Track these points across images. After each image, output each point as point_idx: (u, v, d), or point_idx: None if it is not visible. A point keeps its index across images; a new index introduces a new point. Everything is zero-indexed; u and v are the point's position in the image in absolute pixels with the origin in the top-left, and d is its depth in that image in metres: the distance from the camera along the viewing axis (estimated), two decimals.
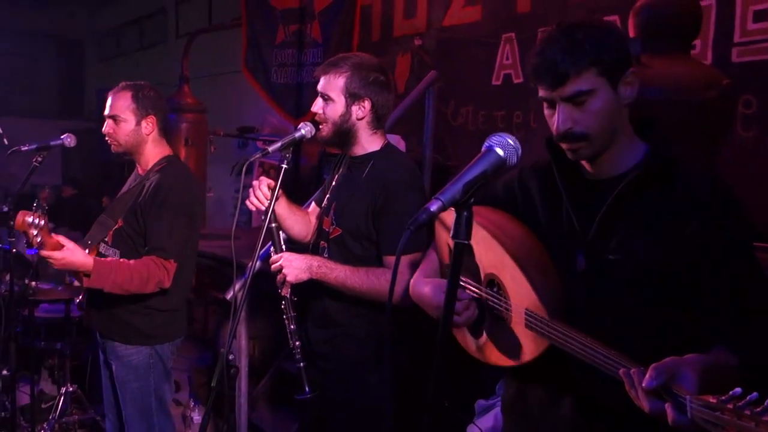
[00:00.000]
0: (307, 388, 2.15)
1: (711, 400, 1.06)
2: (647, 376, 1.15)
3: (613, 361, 1.22)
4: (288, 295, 2.18)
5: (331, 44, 4.80)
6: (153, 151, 2.73)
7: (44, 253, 2.39)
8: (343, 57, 2.21)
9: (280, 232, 2.23)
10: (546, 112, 1.44)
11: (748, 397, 1.02)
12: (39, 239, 2.33)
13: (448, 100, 4.15)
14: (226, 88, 7.31)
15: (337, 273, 2.11)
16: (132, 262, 2.53)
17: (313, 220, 2.41)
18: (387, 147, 2.24)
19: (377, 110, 2.18)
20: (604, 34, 1.40)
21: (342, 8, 4.72)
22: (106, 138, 2.72)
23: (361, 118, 2.17)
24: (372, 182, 2.15)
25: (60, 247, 2.40)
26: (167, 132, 2.81)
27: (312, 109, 2.21)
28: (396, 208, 2.08)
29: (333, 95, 2.16)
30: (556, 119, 1.39)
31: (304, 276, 2.11)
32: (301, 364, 2.16)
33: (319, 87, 2.19)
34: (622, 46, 1.42)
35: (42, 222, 2.33)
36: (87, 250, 2.57)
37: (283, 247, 2.19)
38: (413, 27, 4.46)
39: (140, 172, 2.77)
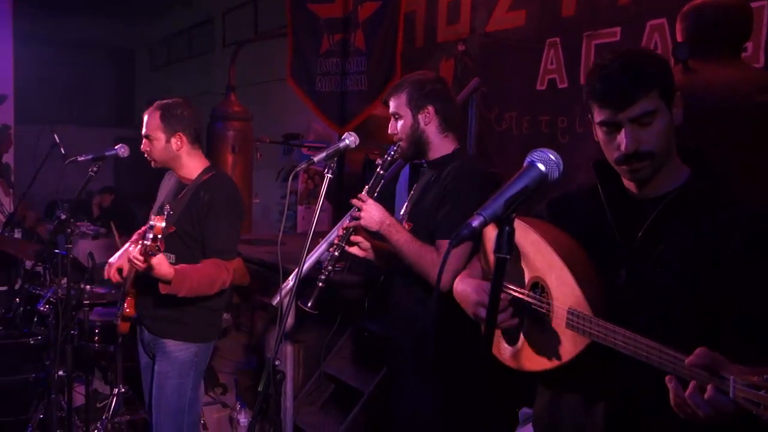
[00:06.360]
0: (310, 302, 2.31)
1: (754, 379, 1.07)
2: (693, 354, 1.17)
3: (656, 351, 1.24)
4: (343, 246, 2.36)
5: (375, 52, 4.83)
6: (192, 163, 2.86)
7: (133, 256, 2.45)
8: (403, 78, 2.51)
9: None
10: (603, 137, 1.48)
11: None
12: (157, 245, 2.40)
13: (492, 106, 4.14)
14: (272, 96, 7.43)
15: (398, 237, 2.29)
16: (200, 266, 2.68)
17: None
18: (459, 151, 2.47)
19: (442, 114, 2.42)
20: (658, 59, 1.50)
21: (385, 16, 4.75)
22: (145, 155, 2.87)
23: (429, 123, 2.41)
24: (443, 180, 2.33)
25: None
26: (202, 142, 2.94)
27: (389, 131, 2.48)
28: (454, 199, 2.26)
29: (401, 112, 2.43)
30: (624, 140, 1.43)
31: (374, 226, 2.30)
32: (320, 284, 2.33)
33: (390, 110, 2.45)
34: (671, 71, 1.48)
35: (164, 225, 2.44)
36: None
37: (375, 195, 2.38)
38: (456, 33, 4.46)
39: (183, 181, 2.88)
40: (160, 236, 2.38)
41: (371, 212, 2.30)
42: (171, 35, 11.19)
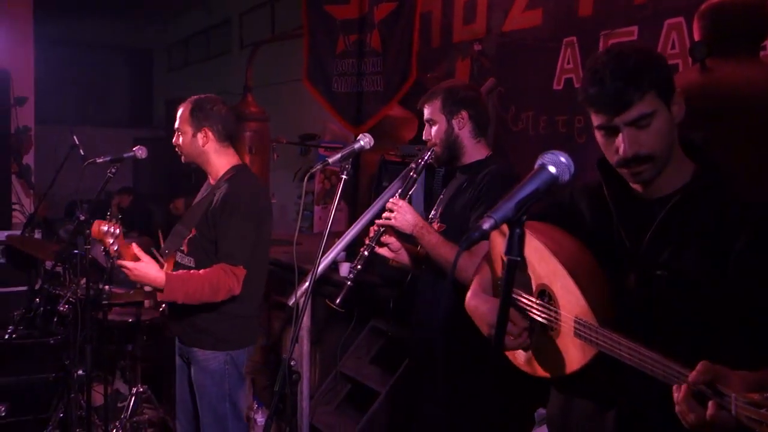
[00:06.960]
0: (338, 300, 2.35)
1: (755, 397, 1.06)
2: (695, 370, 1.16)
3: (660, 364, 1.23)
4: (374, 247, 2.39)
5: (391, 53, 4.83)
6: (220, 161, 2.81)
7: (120, 262, 2.51)
8: (437, 86, 2.55)
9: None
10: (602, 140, 1.46)
11: None
12: (115, 248, 2.46)
13: (508, 106, 4.13)
14: (288, 97, 7.46)
15: (430, 239, 2.33)
16: (202, 272, 2.62)
17: None
18: (492, 157, 2.52)
19: (476, 119, 2.47)
20: (654, 58, 1.45)
21: (401, 16, 4.75)
22: (176, 149, 2.85)
23: (462, 128, 2.46)
24: (477, 185, 2.38)
25: (136, 259, 2.51)
26: (234, 141, 2.88)
27: (423, 137, 2.54)
28: (488, 203, 2.27)
29: (435, 117, 2.48)
30: (622, 144, 1.41)
31: (407, 229, 2.34)
32: (350, 283, 2.38)
33: (424, 117, 2.49)
34: (669, 68, 1.45)
35: (117, 231, 2.46)
36: (164, 259, 2.69)
37: (407, 199, 2.43)
38: (473, 32, 4.45)
39: (211, 181, 2.86)
40: (109, 241, 2.41)
41: (405, 214, 2.34)
42: (189, 36, 11.27)
